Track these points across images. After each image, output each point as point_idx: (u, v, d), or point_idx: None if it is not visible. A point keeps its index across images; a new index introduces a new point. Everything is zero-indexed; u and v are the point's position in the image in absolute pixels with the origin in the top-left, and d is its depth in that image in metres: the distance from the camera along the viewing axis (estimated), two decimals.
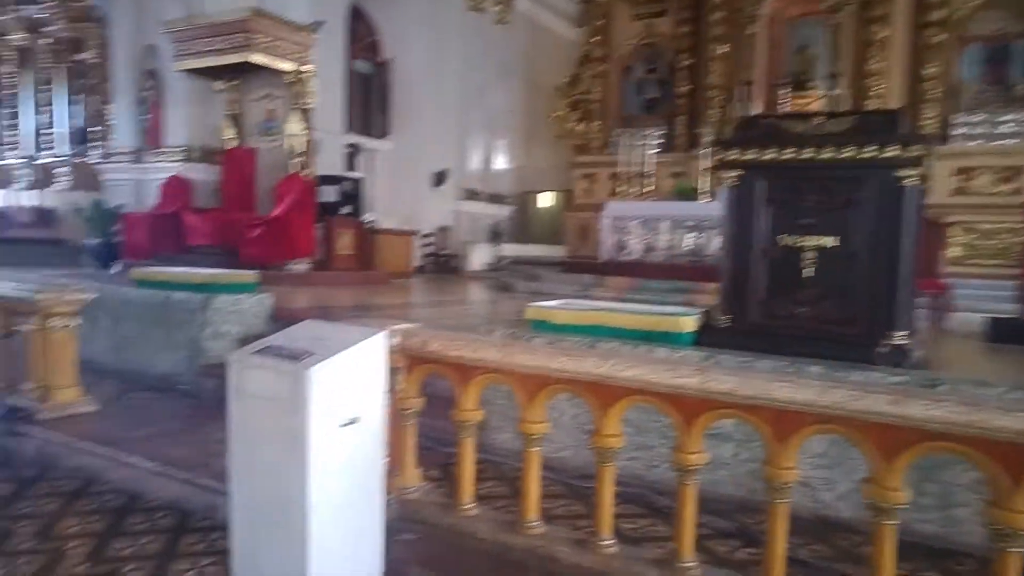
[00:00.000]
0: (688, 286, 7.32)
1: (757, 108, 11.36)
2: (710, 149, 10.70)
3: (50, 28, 14.05)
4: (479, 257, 13.81)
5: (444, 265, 13.36)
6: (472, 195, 14.85)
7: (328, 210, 9.75)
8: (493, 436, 3.57)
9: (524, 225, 16.34)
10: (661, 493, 3.16)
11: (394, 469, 2.89)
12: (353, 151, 12.52)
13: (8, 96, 14.95)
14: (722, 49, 12.04)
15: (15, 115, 14.86)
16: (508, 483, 3.33)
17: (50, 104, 14.50)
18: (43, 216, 13.66)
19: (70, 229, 12.81)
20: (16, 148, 14.81)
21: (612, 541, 2.60)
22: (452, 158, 14.29)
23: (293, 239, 8.76)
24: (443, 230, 13.94)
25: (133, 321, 5.69)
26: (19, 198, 14.26)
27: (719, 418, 2.40)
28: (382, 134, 13.97)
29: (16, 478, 3.68)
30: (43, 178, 14.25)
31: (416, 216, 12.76)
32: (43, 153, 14.45)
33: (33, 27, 14.24)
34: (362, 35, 13.57)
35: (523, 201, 16.56)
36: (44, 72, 14.50)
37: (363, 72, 13.48)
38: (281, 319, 5.18)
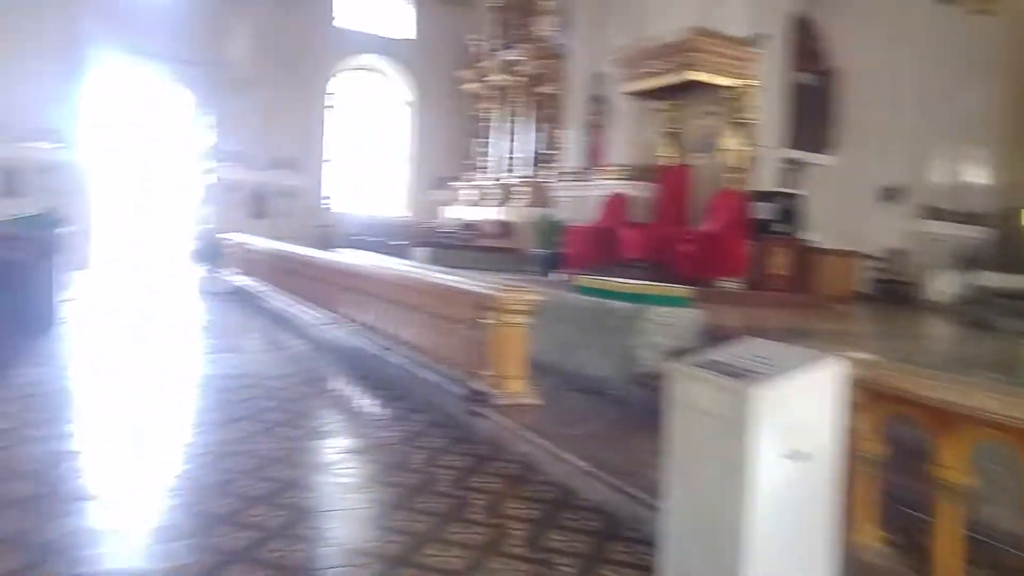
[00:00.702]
0: None
1: None
2: None
3: (521, 68, 16.27)
4: (943, 285, 11.74)
5: (895, 292, 11.71)
6: (934, 213, 12.79)
7: (763, 227, 9.31)
8: (984, 509, 2.82)
9: (1007, 249, 13.42)
10: None
11: (846, 521, 2.45)
12: (792, 166, 11.81)
13: (485, 128, 17.83)
14: None
15: (488, 144, 17.68)
16: (1005, 573, 2.59)
17: (516, 132, 16.84)
18: (503, 228, 15.91)
19: (521, 240, 14.66)
20: (487, 171, 17.60)
21: None
22: (908, 172, 12.54)
23: (724, 256, 8.59)
24: (895, 253, 12.26)
25: (572, 324, 6.08)
26: (487, 213, 16.86)
27: None
28: (824, 148, 12.94)
29: (473, 453, 4.14)
30: (505, 196, 16.61)
31: (862, 236, 11.44)
32: (507, 174, 16.86)
33: (508, 67, 16.68)
34: (806, 45, 12.78)
35: (1006, 221, 13.65)
36: (513, 105, 16.89)
37: (805, 84, 12.67)
38: (711, 335, 4.99)
